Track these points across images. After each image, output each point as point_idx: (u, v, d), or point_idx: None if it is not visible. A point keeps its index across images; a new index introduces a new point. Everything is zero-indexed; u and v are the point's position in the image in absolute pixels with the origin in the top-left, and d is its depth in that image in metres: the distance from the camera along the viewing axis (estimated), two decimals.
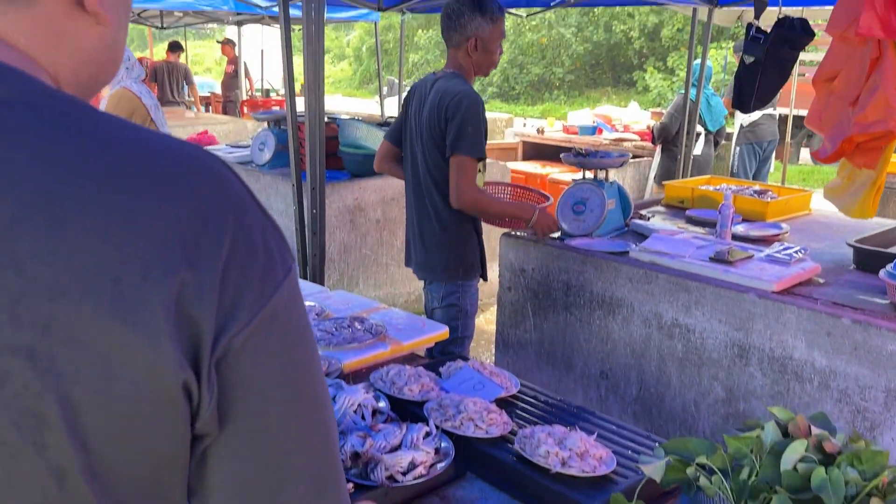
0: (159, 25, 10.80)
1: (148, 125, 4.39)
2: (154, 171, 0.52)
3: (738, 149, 6.34)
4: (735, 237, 2.97)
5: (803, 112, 4.16)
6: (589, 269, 2.82)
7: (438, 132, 2.67)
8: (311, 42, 3.29)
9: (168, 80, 9.52)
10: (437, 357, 2.61)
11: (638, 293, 2.68)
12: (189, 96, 10.03)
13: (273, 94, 11.43)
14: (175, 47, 9.81)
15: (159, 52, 15.01)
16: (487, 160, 2.88)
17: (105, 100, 4.24)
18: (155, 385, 0.50)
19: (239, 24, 10.93)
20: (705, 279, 2.49)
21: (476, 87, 2.86)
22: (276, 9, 5.09)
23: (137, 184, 0.51)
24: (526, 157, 7.90)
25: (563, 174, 6.67)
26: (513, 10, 6.08)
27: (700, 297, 2.49)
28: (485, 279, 2.97)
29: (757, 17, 3.74)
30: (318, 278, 3.62)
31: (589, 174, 3.11)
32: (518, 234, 3.11)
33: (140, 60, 9.37)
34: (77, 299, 0.47)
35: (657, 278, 2.61)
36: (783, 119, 7.63)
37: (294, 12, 4.65)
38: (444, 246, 2.82)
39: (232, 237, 0.53)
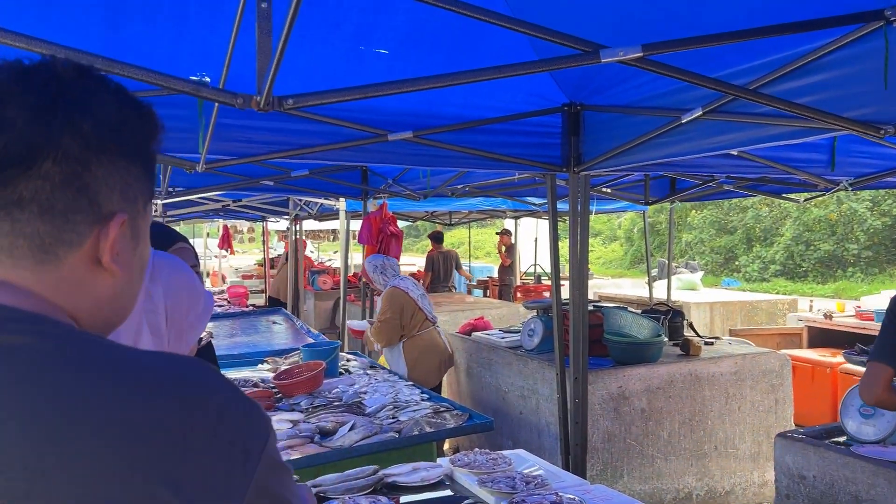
0: (448, 223, 12.23)
1: (415, 312, 4.98)
2: (148, 388, 0.64)
3: None
4: None
5: None
6: (881, 482, 2.51)
7: None
8: (576, 243, 3.54)
9: (441, 267, 10.59)
10: None
11: None
12: (452, 282, 10.99)
13: (545, 279, 12.04)
14: (437, 238, 10.97)
15: (445, 242, 16.79)
16: (766, 348, 2.78)
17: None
18: None
19: (516, 217, 11.94)
20: None
21: (756, 265, 2.82)
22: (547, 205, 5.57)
23: (136, 400, 0.63)
24: (812, 344, 7.26)
25: (856, 366, 5.99)
26: (791, 196, 5.97)
27: None
28: None
29: None
30: (580, 468, 3.63)
31: None
32: (795, 435, 2.89)
33: (439, 250, 10.67)
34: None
35: None
36: None
37: (563, 206, 5.07)
38: None
39: (212, 436, 0.64)
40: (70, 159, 0.68)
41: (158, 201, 5.60)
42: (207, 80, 2.62)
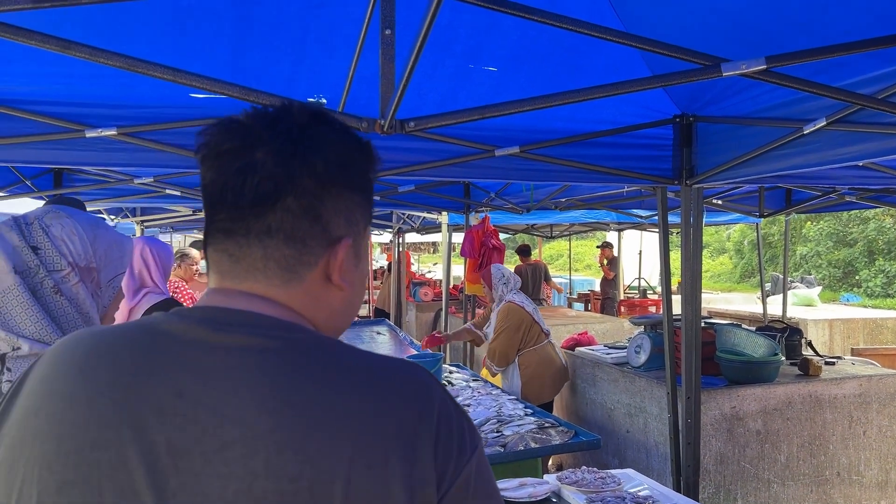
0: (549, 235, 12.14)
1: (531, 326, 4.93)
2: (385, 386, 0.77)
3: None
4: None
5: None
6: None
7: None
8: (689, 258, 3.45)
9: (531, 280, 10.51)
10: None
11: None
12: (544, 294, 10.86)
13: (650, 293, 11.73)
14: (524, 252, 10.87)
15: (545, 253, 16.63)
16: (894, 369, 2.61)
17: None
18: None
19: (619, 230, 11.71)
20: None
21: (880, 279, 2.67)
22: (656, 217, 5.43)
23: (375, 396, 0.76)
24: None
25: None
26: None
27: None
28: None
29: None
30: (692, 490, 3.51)
31: None
32: None
33: (527, 263, 10.63)
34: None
35: None
36: None
37: (673, 219, 4.93)
38: None
39: (436, 427, 0.76)
40: (307, 194, 0.80)
41: None
42: (324, 101, 2.74)
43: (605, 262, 12.01)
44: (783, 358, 4.61)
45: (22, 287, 1.52)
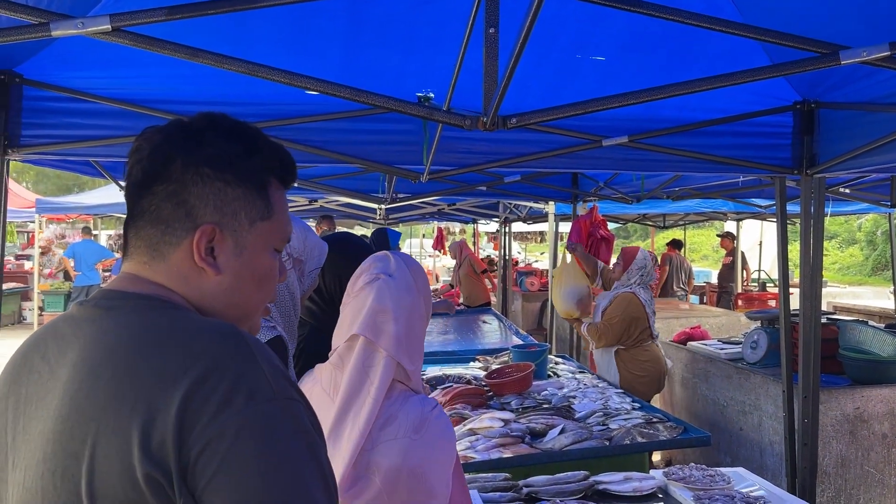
0: (661, 225, 11.81)
1: (645, 328, 4.82)
2: (173, 344, 0.84)
3: None
4: None
5: None
6: None
7: None
8: (808, 251, 3.29)
9: (676, 271, 10.27)
10: None
11: None
12: (685, 287, 10.57)
13: (769, 287, 11.18)
14: (677, 245, 10.59)
15: (658, 243, 16.17)
16: None
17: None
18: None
19: (739, 219, 11.23)
20: None
21: None
22: (775, 208, 5.19)
23: (156, 352, 0.83)
24: None
25: None
26: None
27: None
28: None
29: None
30: (809, 493, 3.37)
31: None
32: None
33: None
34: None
35: None
36: None
37: (793, 208, 4.68)
38: None
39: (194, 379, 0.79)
40: (172, 181, 0.91)
41: (382, 206, 6.03)
42: (431, 95, 2.80)
43: (724, 252, 11.60)
44: None
45: None
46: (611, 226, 9.01)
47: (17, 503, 0.86)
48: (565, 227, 8.24)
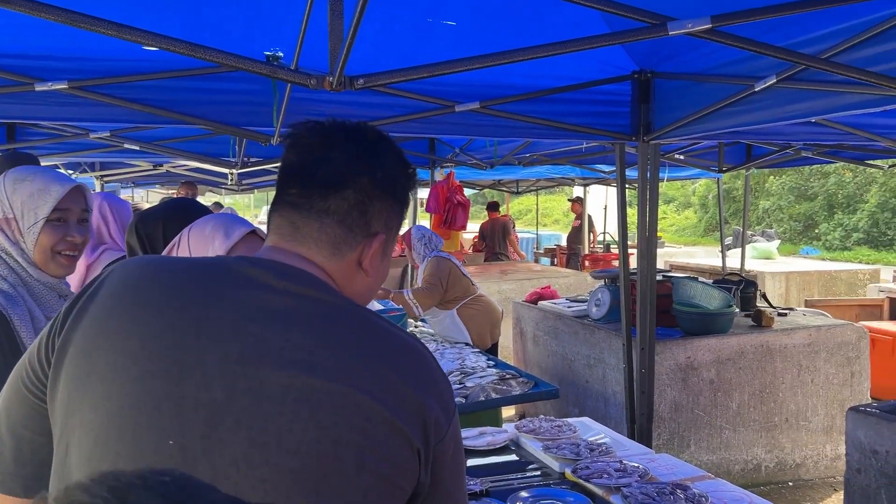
0: (515, 191, 12.19)
1: (461, 278, 4.90)
2: (399, 354, 0.95)
3: None
4: None
5: None
6: None
7: None
8: (645, 213, 3.52)
9: (493, 235, 10.58)
10: None
11: None
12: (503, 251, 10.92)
13: (613, 248, 11.90)
14: (493, 207, 10.94)
15: (514, 209, 16.68)
16: (843, 320, 2.71)
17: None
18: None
19: (585, 184, 11.81)
20: None
21: (838, 233, 2.76)
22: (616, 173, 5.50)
23: (396, 361, 0.94)
24: (894, 316, 6.99)
25: None
26: (875, 162, 5.72)
27: None
28: None
29: None
30: (646, 437, 3.65)
31: None
32: (868, 409, 2.83)
33: (493, 218, 10.69)
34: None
35: None
36: None
37: (632, 174, 4.95)
38: None
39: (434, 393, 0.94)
40: (362, 191, 1.01)
41: (233, 171, 5.75)
42: (280, 55, 2.70)
43: (574, 216, 12.15)
44: (737, 310, 4.76)
45: None
46: (468, 192, 9.18)
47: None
48: (423, 194, 8.31)
